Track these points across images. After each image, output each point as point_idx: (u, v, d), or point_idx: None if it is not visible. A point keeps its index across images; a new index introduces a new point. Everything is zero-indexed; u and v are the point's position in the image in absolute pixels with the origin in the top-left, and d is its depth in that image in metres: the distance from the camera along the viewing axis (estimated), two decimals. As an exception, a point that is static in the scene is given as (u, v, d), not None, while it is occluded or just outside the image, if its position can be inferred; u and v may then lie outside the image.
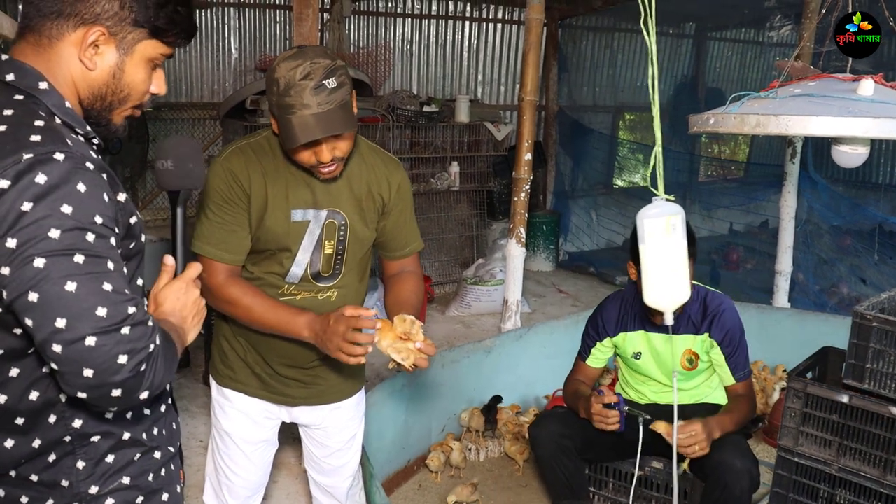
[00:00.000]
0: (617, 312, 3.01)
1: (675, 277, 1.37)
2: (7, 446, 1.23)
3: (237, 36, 6.77)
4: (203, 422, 3.84)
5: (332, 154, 1.88)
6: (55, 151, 1.12)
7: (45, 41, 1.23)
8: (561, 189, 8.04)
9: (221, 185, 1.95)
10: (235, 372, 2.19)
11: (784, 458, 2.71)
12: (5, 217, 1.09)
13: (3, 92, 1.20)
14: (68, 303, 1.10)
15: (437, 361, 3.78)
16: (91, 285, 1.12)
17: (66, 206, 1.11)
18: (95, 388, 1.13)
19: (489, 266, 5.70)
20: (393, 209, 2.14)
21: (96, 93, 1.28)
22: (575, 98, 8.30)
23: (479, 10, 7.62)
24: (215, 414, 2.26)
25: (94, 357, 1.11)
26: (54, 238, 1.10)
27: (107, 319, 1.11)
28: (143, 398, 1.18)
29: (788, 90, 2.24)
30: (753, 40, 9.61)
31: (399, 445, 3.50)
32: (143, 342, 1.15)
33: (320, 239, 2.03)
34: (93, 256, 1.13)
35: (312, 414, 2.25)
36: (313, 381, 2.19)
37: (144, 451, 1.35)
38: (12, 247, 1.09)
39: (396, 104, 6.09)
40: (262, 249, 2.02)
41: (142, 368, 1.15)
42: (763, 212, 7.18)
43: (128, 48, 1.27)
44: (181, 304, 1.41)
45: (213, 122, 6.78)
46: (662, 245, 1.35)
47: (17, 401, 1.21)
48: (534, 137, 4.39)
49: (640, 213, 1.38)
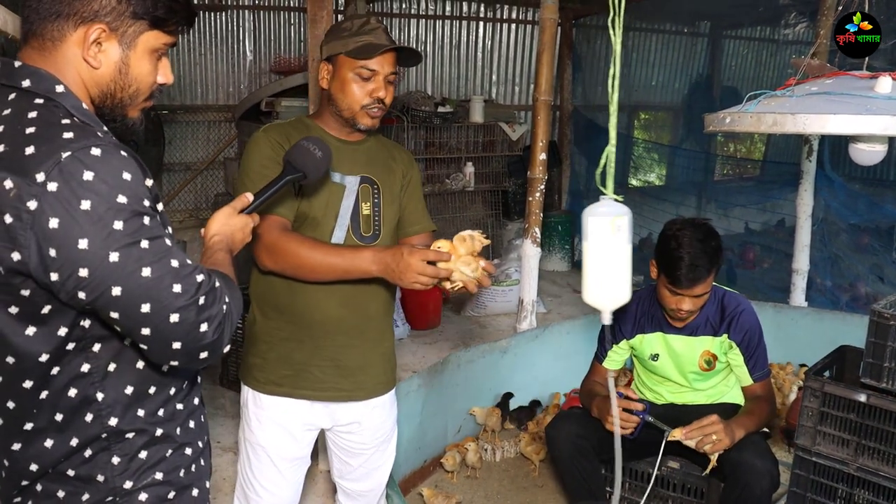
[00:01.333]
0: (634, 314, 3.00)
1: (616, 278, 1.36)
2: (47, 446, 1.26)
3: (252, 38, 6.80)
4: (219, 423, 3.86)
5: (387, 91, 2.08)
6: (91, 146, 1.14)
7: (48, 44, 1.24)
8: (576, 189, 8.02)
9: (265, 148, 2.05)
10: (275, 373, 2.15)
11: (802, 458, 2.69)
12: (69, 220, 1.10)
13: (22, 97, 1.21)
14: (148, 288, 1.16)
15: (453, 361, 3.79)
16: (162, 266, 1.18)
17: (121, 196, 1.14)
18: (184, 355, 1.23)
19: (504, 266, 5.69)
20: (409, 184, 2.28)
21: (105, 90, 1.29)
22: (589, 97, 8.27)
23: (493, 11, 7.62)
24: (249, 426, 2.21)
25: (179, 330, 1.20)
26: (119, 229, 1.13)
27: (183, 294, 1.19)
28: (226, 351, 1.30)
29: (805, 88, 2.22)
30: (769, 38, 9.54)
31: (415, 445, 3.51)
32: (217, 306, 1.24)
33: (357, 201, 2.12)
34: (154, 238, 1.18)
35: (354, 412, 2.23)
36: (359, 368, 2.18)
37: (176, 448, 1.37)
38: (84, 247, 1.11)
39: (411, 105, 6.10)
40: (305, 215, 2.07)
41: (222, 330, 1.26)
42: (779, 210, 7.13)
43: (130, 42, 1.27)
44: (229, 229, 1.58)
45: (229, 124, 6.81)
46: (606, 245, 1.35)
47: (57, 397, 1.24)
48: (549, 137, 4.38)
49: (586, 210, 1.38)
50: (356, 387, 2.20)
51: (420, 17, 7.24)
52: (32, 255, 1.12)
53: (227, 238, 1.56)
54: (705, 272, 2.67)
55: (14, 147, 1.13)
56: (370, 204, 2.15)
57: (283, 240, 1.98)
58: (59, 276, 1.13)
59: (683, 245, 2.67)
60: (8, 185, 1.11)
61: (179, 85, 6.63)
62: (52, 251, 1.11)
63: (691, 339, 2.90)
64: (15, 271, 1.14)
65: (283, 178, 1.78)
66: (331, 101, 2.11)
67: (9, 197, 1.10)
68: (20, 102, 1.20)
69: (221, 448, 3.56)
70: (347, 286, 2.08)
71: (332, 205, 2.09)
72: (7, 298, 1.17)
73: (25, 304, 1.17)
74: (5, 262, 1.13)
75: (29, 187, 1.10)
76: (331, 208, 2.09)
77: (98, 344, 1.24)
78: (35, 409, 1.24)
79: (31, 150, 1.12)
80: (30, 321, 1.18)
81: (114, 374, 1.26)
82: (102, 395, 1.26)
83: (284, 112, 5.36)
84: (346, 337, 2.15)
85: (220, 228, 1.58)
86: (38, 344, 1.20)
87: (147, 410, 1.31)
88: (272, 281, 2.08)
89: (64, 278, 1.13)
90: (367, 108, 2.07)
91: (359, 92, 2.05)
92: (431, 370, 3.64)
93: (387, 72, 2.06)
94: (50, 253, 1.11)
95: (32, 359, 1.20)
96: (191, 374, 1.43)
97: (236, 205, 1.63)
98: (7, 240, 1.12)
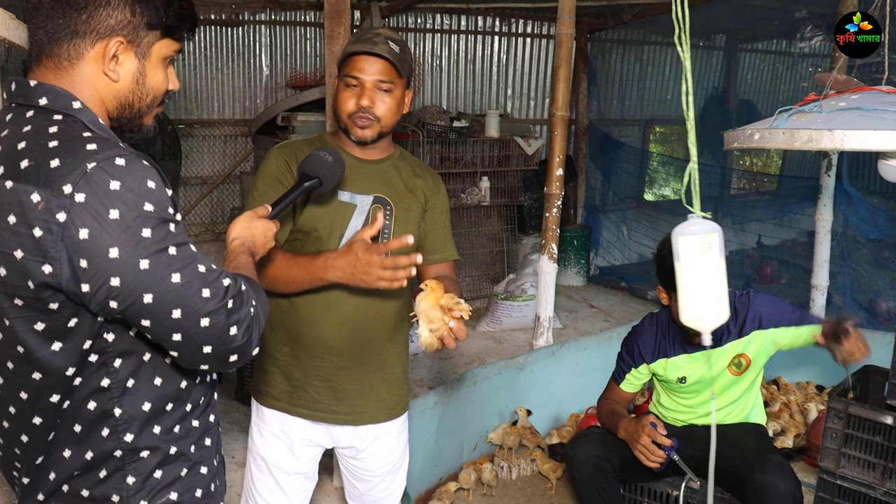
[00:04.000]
0: (654, 338, 2.96)
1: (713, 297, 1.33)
2: (65, 456, 1.26)
3: (268, 53, 6.82)
4: (234, 437, 3.85)
5: (371, 100, 2.01)
6: (115, 156, 1.15)
7: (65, 63, 1.25)
8: (591, 203, 7.99)
9: (272, 167, 2.07)
10: (276, 387, 2.15)
11: (826, 481, 2.65)
12: (98, 230, 1.11)
13: (40, 114, 1.21)
14: (178, 294, 1.17)
15: (469, 378, 3.76)
16: (190, 271, 1.19)
17: (148, 204, 1.15)
18: (215, 359, 1.25)
19: (520, 281, 5.66)
20: (433, 209, 2.21)
21: (124, 102, 1.30)
22: (604, 111, 8.25)
23: (508, 25, 7.62)
24: (252, 438, 2.22)
25: (210, 335, 1.21)
26: (148, 237, 1.14)
27: (212, 299, 1.20)
28: (255, 353, 1.31)
29: (832, 103, 2.18)
30: (784, 51, 9.51)
31: (431, 463, 3.48)
32: (245, 309, 1.26)
33: (367, 222, 2.08)
34: (181, 244, 1.19)
35: (354, 437, 2.20)
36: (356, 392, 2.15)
37: (190, 466, 1.37)
38: (115, 256, 1.12)
39: (427, 119, 6.09)
40: (309, 230, 2.05)
41: (251, 333, 1.27)
42: (797, 225, 7.07)
43: (145, 52, 1.30)
44: (250, 232, 1.60)
45: (245, 138, 6.83)
46: (698, 263, 1.32)
47: (77, 408, 1.24)
48: (565, 153, 4.36)
49: (675, 230, 1.35)
50: (352, 410, 2.16)
51: (435, 31, 7.25)
52: (64, 268, 1.12)
53: (248, 241, 1.58)
54: None
55: (38, 161, 1.14)
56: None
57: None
58: (90, 287, 1.13)
59: None
60: (35, 199, 1.11)
61: (196, 99, 6.66)
62: (84, 262, 1.12)
63: (717, 349, 2.87)
64: (45, 285, 1.14)
65: (300, 186, 1.80)
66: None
67: (37, 210, 1.11)
68: (39, 119, 1.21)
69: (236, 463, 3.54)
70: (346, 307, 2.06)
71: (337, 224, 2.06)
72: (34, 315, 1.17)
73: (53, 319, 1.17)
74: (36, 276, 1.13)
75: (57, 199, 1.11)
76: (336, 227, 2.06)
77: (119, 359, 1.24)
78: (58, 420, 1.25)
79: (56, 163, 1.13)
80: (56, 336, 1.19)
81: (132, 389, 1.26)
82: (120, 410, 1.26)
83: (300, 127, 5.36)
84: (342, 359, 2.11)
85: (242, 232, 1.59)
86: (64, 358, 1.20)
87: (163, 427, 1.31)
88: (274, 297, 2.07)
89: (96, 288, 1.13)
90: (353, 118, 2.03)
91: (346, 101, 2.03)
92: (447, 387, 3.62)
93: (373, 79, 2.01)
94: (81, 264, 1.12)
95: (59, 373, 1.21)
96: (208, 391, 1.43)
97: (258, 211, 1.65)
98: (38, 253, 1.12)
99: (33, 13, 1.24)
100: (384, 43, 2.01)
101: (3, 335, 1.21)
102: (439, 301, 1.82)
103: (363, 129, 2.04)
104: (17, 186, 1.13)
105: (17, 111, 1.24)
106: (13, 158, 1.16)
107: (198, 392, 1.38)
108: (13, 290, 1.16)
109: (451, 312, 1.81)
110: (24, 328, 1.18)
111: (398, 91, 2.06)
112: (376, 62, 2.01)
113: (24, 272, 1.14)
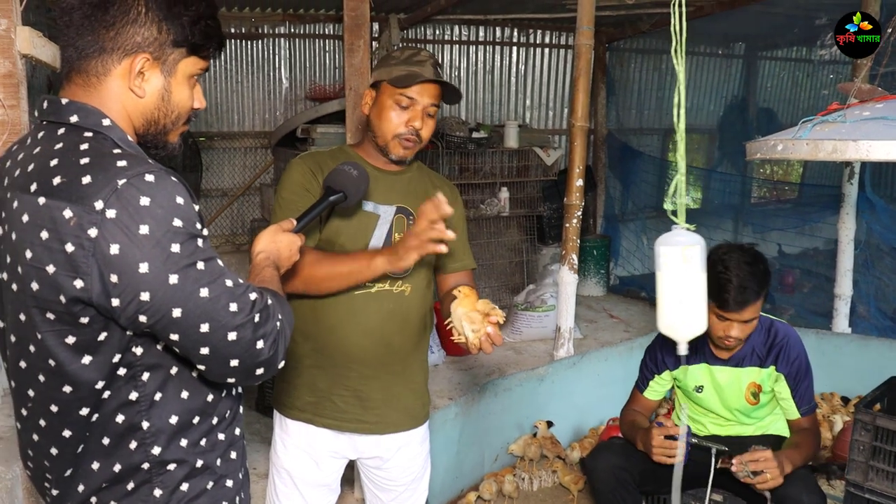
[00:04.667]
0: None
1: (690, 308, 1.33)
2: (94, 468, 1.28)
3: (288, 66, 6.87)
4: (255, 449, 3.86)
5: (423, 122, 2.06)
6: (145, 172, 1.17)
7: (93, 80, 1.27)
8: (611, 213, 7.97)
9: (297, 175, 2.08)
10: (300, 398, 2.15)
11: (853, 494, 2.61)
12: (129, 245, 1.13)
13: (71, 131, 1.24)
14: (207, 308, 1.18)
15: (490, 390, 3.75)
16: (218, 286, 1.20)
17: (177, 220, 1.17)
18: (241, 372, 1.26)
19: (540, 291, 5.64)
20: (452, 218, 2.18)
21: (149, 118, 1.32)
22: (623, 121, 8.23)
23: (526, 36, 7.63)
24: (275, 450, 2.22)
25: (237, 348, 1.23)
26: (177, 252, 1.16)
27: (240, 313, 1.22)
28: (280, 366, 1.33)
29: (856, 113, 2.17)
30: (805, 59, 9.45)
31: (452, 474, 3.47)
32: (271, 323, 1.27)
33: (390, 231, 2.10)
34: (208, 259, 1.21)
35: (378, 447, 2.20)
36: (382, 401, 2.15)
37: (216, 479, 1.38)
38: (145, 271, 1.14)
39: (446, 131, 6.10)
40: (334, 241, 2.06)
41: (277, 346, 1.29)
42: (819, 234, 7.01)
43: (171, 69, 1.32)
44: (275, 246, 1.61)
45: (265, 150, 6.87)
46: (677, 275, 1.32)
47: (106, 421, 1.26)
48: (585, 163, 4.35)
49: (658, 239, 1.36)
50: (379, 420, 2.17)
51: (454, 42, 7.27)
52: (95, 282, 1.14)
53: (273, 255, 1.59)
54: (754, 295, 2.61)
55: (70, 178, 1.16)
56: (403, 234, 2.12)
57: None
58: (120, 302, 1.15)
59: (731, 268, 2.61)
60: (68, 215, 1.13)
61: (217, 112, 6.71)
62: (114, 277, 1.14)
63: (737, 370, 2.83)
64: (76, 299, 1.16)
65: (325, 200, 1.82)
66: (369, 127, 2.12)
67: (69, 226, 1.13)
68: (70, 136, 1.23)
69: (257, 475, 3.55)
70: (372, 316, 2.07)
71: (361, 234, 2.08)
72: (65, 328, 1.19)
73: (83, 333, 1.19)
74: (67, 290, 1.15)
75: (88, 215, 1.13)
76: (360, 237, 2.08)
77: (147, 373, 1.25)
78: (88, 433, 1.26)
79: (88, 180, 1.15)
80: (86, 350, 1.20)
81: (160, 403, 1.28)
82: (148, 423, 1.27)
83: (320, 138, 5.39)
84: (368, 368, 2.12)
85: (267, 245, 1.61)
86: (93, 372, 1.22)
87: (189, 440, 1.32)
88: (298, 306, 2.07)
89: (126, 303, 1.15)
90: (401, 138, 2.06)
91: (395, 119, 2.05)
92: (468, 398, 3.61)
93: (426, 103, 2.05)
94: (111, 279, 1.14)
95: (89, 387, 1.23)
96: (233, 405, 1.43)
97: (283, 225, 1.67)
98: (70, 268, 1.14)
99: (64, 31, 1.27)
100: (434, 67, 2.06)
101: (35, 348, 1.23)
102: (475, 306, 1.86)
103: (407, 149, 2.09)
104: (50, 202, 1.15)
105: (48, 128, 1.26)
106: (46, 175, 1.18)
107: (223, 405, 1.39)
108: (45, 304, 1.18)
109: (488, 317, 1.84)
110: (55, 342, 1.20)
111: (437, 114, 2.12)
112: (433, 87, 2.06)
113: (57, 287, 1.16)
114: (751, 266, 2.62)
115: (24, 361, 1.26)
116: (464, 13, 6.75)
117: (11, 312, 1.25)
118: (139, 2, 1.26)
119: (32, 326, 1.21)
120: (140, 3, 1.26)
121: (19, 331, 1.25)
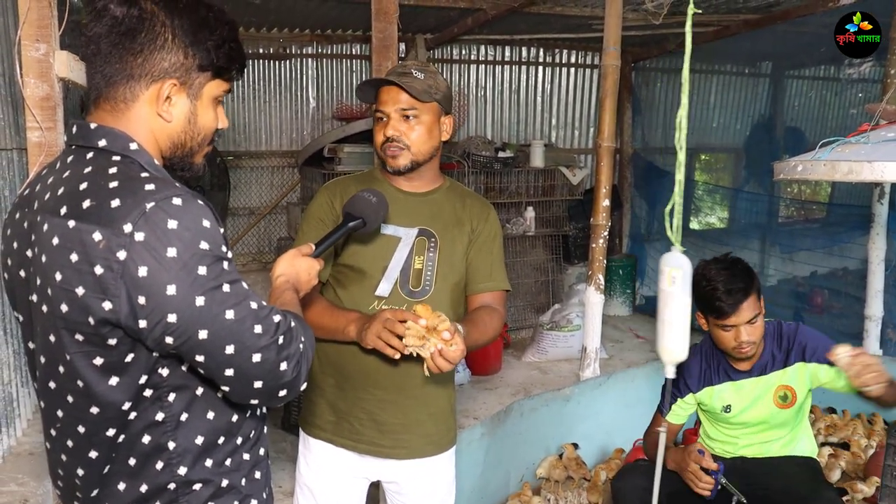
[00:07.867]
0: (699, 367, 2.93)
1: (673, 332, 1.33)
2: (120, 489, 1.29)
3: (315, 86, 6.93)
4: (281, 467, 3.87)
5: (397, 129, 2.06)
6: (172, 196, 1.18)
7: (121, 105, 1.30)
8: (637, 232, 7.93)
9: (315, 207, 2.14)
10: (322, 417, 2.17)
11: (886, 519, 2.57)
12: (157, 267, 1.15)
13: (100, 155, 1.27)
14: (232, 330, 1.20)
15: (516, 410, 3.74)
16: (243, 308, 1.22)
17: (203, 243, 1.18)
18: (265, 394, 1.28)
19: (565, 311, 5.63)
20: (479, 235, 2.19)
21: (176, 142, 1.35)
22: (648, 140, 8.21)
23: (552, 56, 7.65)
24: (299, 468, 2.24)
25: (261, 370, 1.24)
26: (203, 274, 1.17)
27: (264, 335, 1.23)
28: (303, 388, 1.35)
29: (880, 134, 2.17)
30: (833, 77, 9.38)
31: (478, 495, 3.46)
32: (294, 345, 1.28)
33: (410, 254, 2.10)
34: (234, 282, 1.22)
35: (398, 471, 2.20)
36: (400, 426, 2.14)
37: (242, 499, 1.39)
38: (172, 293, 1.15)
39: (471, 150, 6.12)
40: (352, 263, 2.08)
41: (300, 368, 1.30)
42: (849, 254, 6.93)
43: (196, 93, 1.34)
44: (294, 270, 1.63)
45: (292, 169, 6.93)
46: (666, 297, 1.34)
47: (132, 442, 1.27)
48: (611, 183, 4.35)
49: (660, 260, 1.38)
50: (396, 444, 2.16)
51: (480, 62, 7.31)
52: (123, 304, 1.16)
53: (293, 278, 1.61)
54: (743, 293, 2.65)
55: (99, 201, 1.18)
56: (423, 258, 2.10)
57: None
58: (147, 323, 1.17)
59: (712, 277, 2.69)
60: (97, 238, 1.15)
61: (245, 131, 6.78)
62: (142, 299, 1.15)
63: (762, 378, 2.83)
64: (105, 321, 1.18)
65: (344, 226, 1.84)
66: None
67: (98, 249, 1.15)
68: (99, 160, 1.25)
69: (283, 493, 3.56)
70: None
71: (379, 257, 2.08)
72: (93, 350, 1.21)
73: (111, 354, 1.21)
74: (96, 312, 1.17)
75: (117, 238, 1.14)
76: (379, 261, 2.08)
77: (173, 394, 1.27)
78: (114, 454, 1.27)
79: (117, 203, 1.16)
80: (113, 371, 1.22)
81: (186, 423, 1.29)
82: (174, 444, 1.28)
83: (346, 158, 5.43)
84: (385, 392, 2.12)
85: (286, 269, 1.63)
86: (120, 393, 1.23)
87: (215, 461, 1.33)
88: None
89: (153, 325, 1.17)
90: (385, 149, 2.08)
91: (376, 134, 2.11)
92: (494, 419, 3.60)
93: (395, 108, 2.06)
94: (139, 301, 1.15)
95: (116, 408, 1.24)
96: (258, 425, 1.45)
97: (302, 249, 1.69)
98: (98, 290, 1.16)
99: (92, 59, 1.30)
100: (405, 73, 2.06)
101: (64, 369, 1.25)
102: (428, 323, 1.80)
103: (394, 158, 2.09)
104: (80, 226, 1.17)
105: (77, 153, 1.29)
106: (75, 198, 1.20)
107: (248, 426, 1.41)
108: (74, 326, 1.20)
109: (436, 331, 1.79)
110: (83, 363, 1.22)
111: (427, 116, 2.08)
112: (394, 92, 2.06)
113: (86, 308, 1.17)
114: (730, 269, 2.71)
115: (53, 382, 1.28)
116: (490, 33, 6.79)
117: (41, 334, 1.27)
118: (166, 28, 1.28)
119: (61, 348, 1.23)
120: (167, 29, 1.28)
121: (49, 352, 1.26)
